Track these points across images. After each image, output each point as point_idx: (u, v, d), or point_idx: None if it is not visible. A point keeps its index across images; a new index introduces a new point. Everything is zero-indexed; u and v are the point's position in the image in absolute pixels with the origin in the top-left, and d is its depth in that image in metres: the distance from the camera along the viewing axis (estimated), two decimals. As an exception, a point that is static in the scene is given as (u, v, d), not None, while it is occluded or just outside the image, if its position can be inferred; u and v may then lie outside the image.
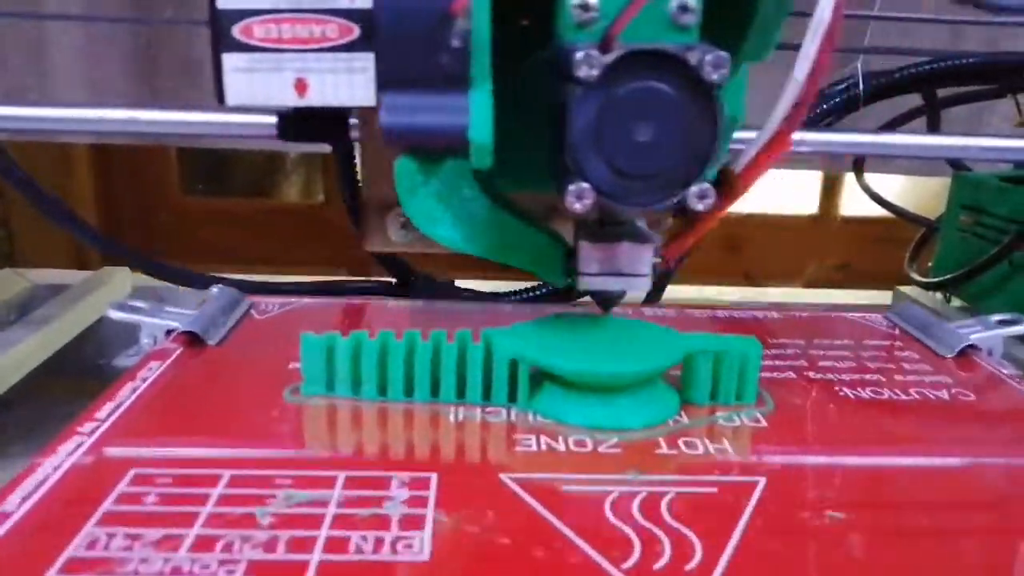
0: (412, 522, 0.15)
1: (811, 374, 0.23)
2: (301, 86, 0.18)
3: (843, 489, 0.17)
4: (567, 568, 0.14)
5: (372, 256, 0.34)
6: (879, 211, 0.52)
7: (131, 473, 0.17)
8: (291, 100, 0.18)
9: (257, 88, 0.18)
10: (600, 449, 0.18)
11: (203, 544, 0.14)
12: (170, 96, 0.54)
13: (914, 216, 0.51)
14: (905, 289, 0.50)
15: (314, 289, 0.35)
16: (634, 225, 0.21)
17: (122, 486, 0.16)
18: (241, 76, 0.18)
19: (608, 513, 0.16)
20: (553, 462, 0.18)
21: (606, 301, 0.22)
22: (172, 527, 0.15)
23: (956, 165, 0.48)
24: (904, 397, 0.22)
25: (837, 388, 0.22)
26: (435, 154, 0.19)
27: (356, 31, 0.18)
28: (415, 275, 0.34)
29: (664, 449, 0.19)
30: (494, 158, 0.18)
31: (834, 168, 0.76)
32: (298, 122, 0.27)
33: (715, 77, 0.17)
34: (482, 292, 0.37)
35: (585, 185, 0.18)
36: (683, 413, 0.20)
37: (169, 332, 0.25)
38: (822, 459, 0.19)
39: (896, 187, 0.70)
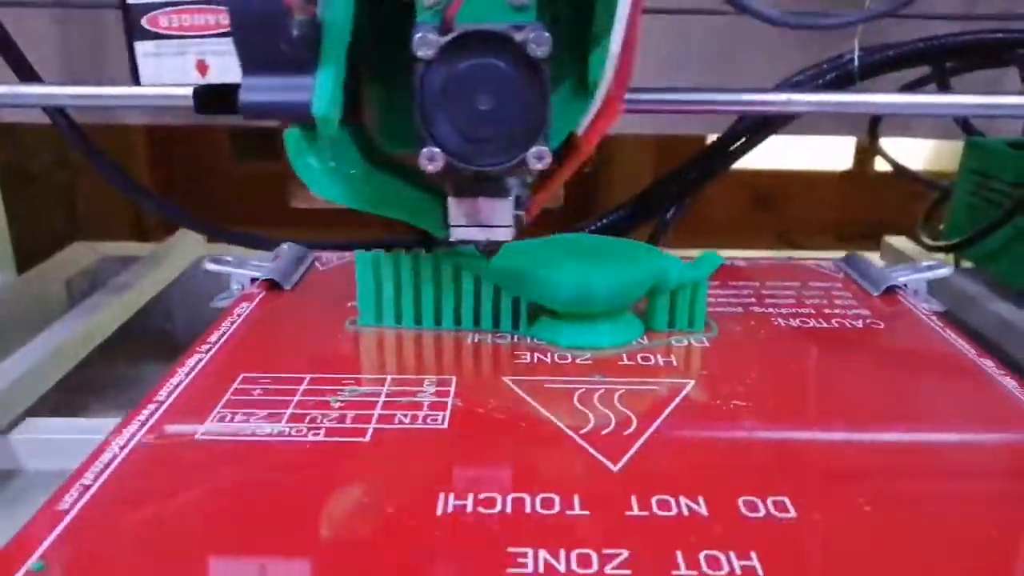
0: (437, 406, 0.22)
1: (755, 308, 0.29)
2: (202, 67, 0.21)
3: (751, 385, 0.23)
4: (542, 433, 0.21)
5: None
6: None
7: (240, 376, 0.24)
8: (194, 79, 0.21)
9: (165, 70, 0.21)
10: (577, 361, 0.25)
11: (295, 418, 0.21)
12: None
13: (927, 180, 0.53)
14: (891, 239, 0.55)
15: (350, 245, 0.37)
16: (494, 181, 0.23)
17: (235, 385, 0.23)
18: (151, 60, 0.21)
19: (575, 401, 0.22)
20: (540, 369, 0.24)
21: (485, 251, 0.25)
22: (273, 408, 0.22)
23: (969, 130, 0.49)
24: (824, 325, 0.28)
25: (773, 319, 0.28)
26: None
27: None
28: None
29: (625, 361, 0.25)
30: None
31: (847, 133, 0.77)
32: (209, 97, 0.28)
33: (539, 53, 0.20)
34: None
35: (436, 149, 0.21)
36: (646, 337, 0.27)
37: (253, 280, 0.32)
38: (739, 367, 0.25)
39: (923, 150, 0.72)
